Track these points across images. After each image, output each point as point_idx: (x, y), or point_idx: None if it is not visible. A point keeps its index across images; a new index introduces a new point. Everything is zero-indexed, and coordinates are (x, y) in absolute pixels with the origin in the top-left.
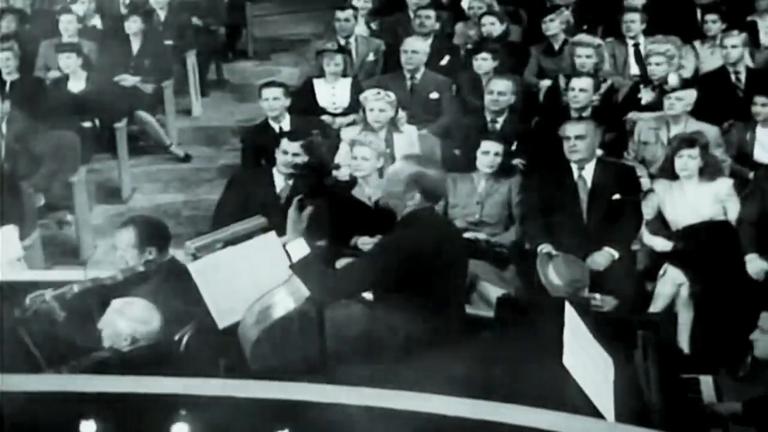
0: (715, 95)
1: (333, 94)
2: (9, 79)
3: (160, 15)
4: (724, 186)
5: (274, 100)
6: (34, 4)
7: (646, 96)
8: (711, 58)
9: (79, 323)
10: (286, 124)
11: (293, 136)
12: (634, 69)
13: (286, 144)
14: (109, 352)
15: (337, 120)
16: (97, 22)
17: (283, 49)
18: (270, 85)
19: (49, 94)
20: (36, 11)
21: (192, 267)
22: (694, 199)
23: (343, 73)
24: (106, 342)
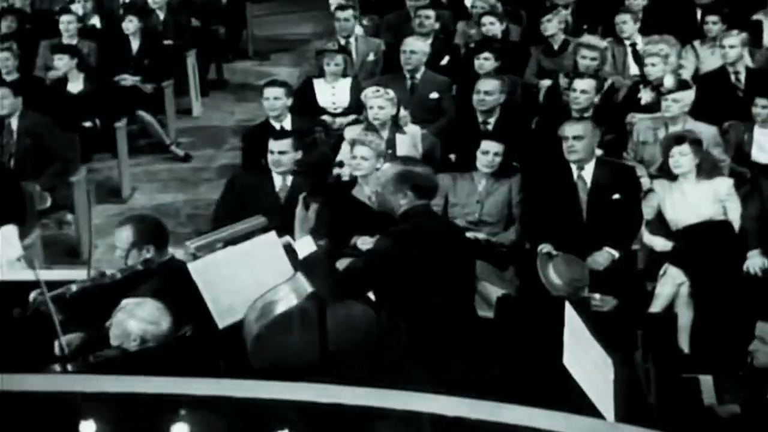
0: (714, 95)
1: (333, 93)
2: (9, 78)
3: (159, 15)
4: (723, 185)
5: (275, 99)
6: (34, 4)
7: (646, 96)
8: (711, 59)
9: (79, 323)
10: (288, 124)
11: (279, 135)
12: (634, 69)
13: (271, 144)
14: (116, 351)
15: (337, 120)
16: (96, 22)
17: (283, 49)
18: (271, 84)
19: (49, 94)
20: (36, 11)
21: (192, 267)
22: (694, 199)
23: (344, 73)
24: (114, 341)
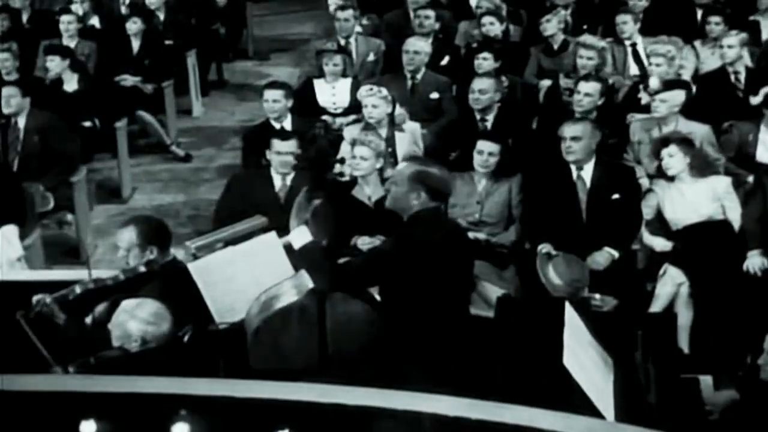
0: (714, 95)
1: (333, 94)
2: (9, 79)
3: (159, 15)
4: (721, 184)
5: (274, 102)
6: (34, 4)
7: (646, 96)
8: (711, 59)
9: (82, 324)
10: (288, 125)
11: (284, 136)
12: (634, 69)
13: (278, 144)
14: (117, 352)
15: (337, 120)
16: (96, 23)
17: (283, 49)
18: (271, 86)
19: (47, 94)
20: (36, 11)
21: (192, 267)
22: (692, 198)
23: (343, 74)
24: (116, 342)
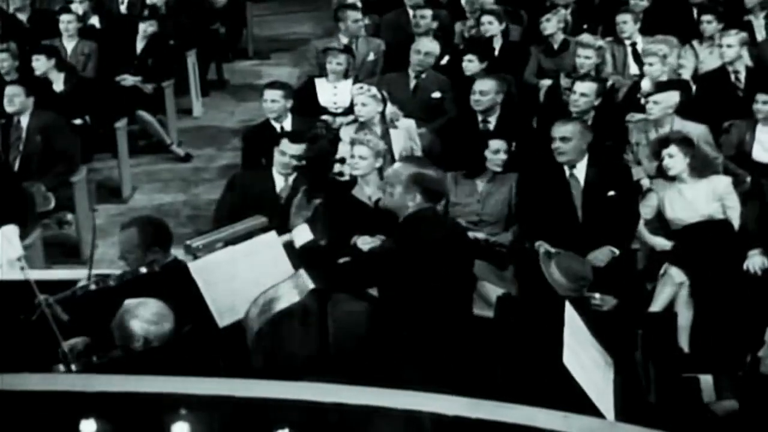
0: (714, 95)
1: (334, 93)
2: (8, 79)
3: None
4: (721, 183)
5: (272, 101)
6: (34, 4)
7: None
8: (710, 58)
9: (84, 325)
10: (288, 125)
11: (295, 138)
12: (634, 69)
13: (286, 145)
14: (121, 353)
15: (337, 120)
16: (95, 22)
17: (283, 49)
18: (271, 86)
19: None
20: (36, 11)
21: (192, 267)
22: (692, 198)
23: (346, 74)
24: (118, 342)
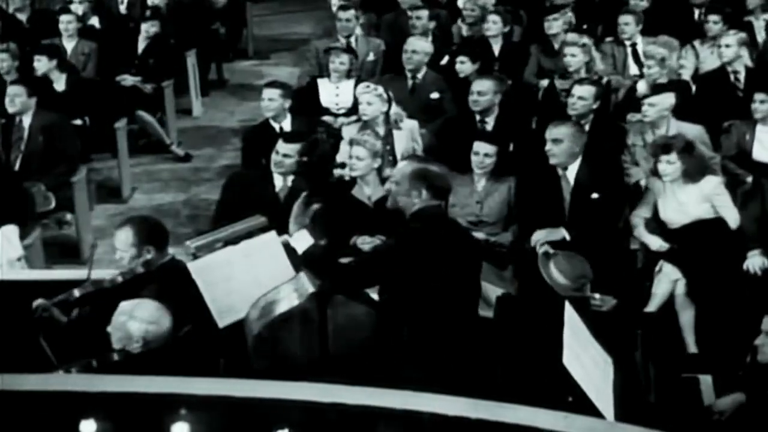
0: (714, 95)
1: (336, 94)
2: (8, 79)
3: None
4: (707, 185)
5: (269, 100)
6: (34, 4)
7: None
8: (711, 58)
9: (83, 327)
10: (287, 125)
11: (290, 138)
12: (634, 69)
13: (280, 145)
14: (120, 355)
15: (338, 120)
16: (95, 22)
17: (283, 49)
18: (269, 85)
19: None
20: (36, 11)
21: (192, 267)
22: (683, 200)
23: (348, 74)
24: (117, 344)
